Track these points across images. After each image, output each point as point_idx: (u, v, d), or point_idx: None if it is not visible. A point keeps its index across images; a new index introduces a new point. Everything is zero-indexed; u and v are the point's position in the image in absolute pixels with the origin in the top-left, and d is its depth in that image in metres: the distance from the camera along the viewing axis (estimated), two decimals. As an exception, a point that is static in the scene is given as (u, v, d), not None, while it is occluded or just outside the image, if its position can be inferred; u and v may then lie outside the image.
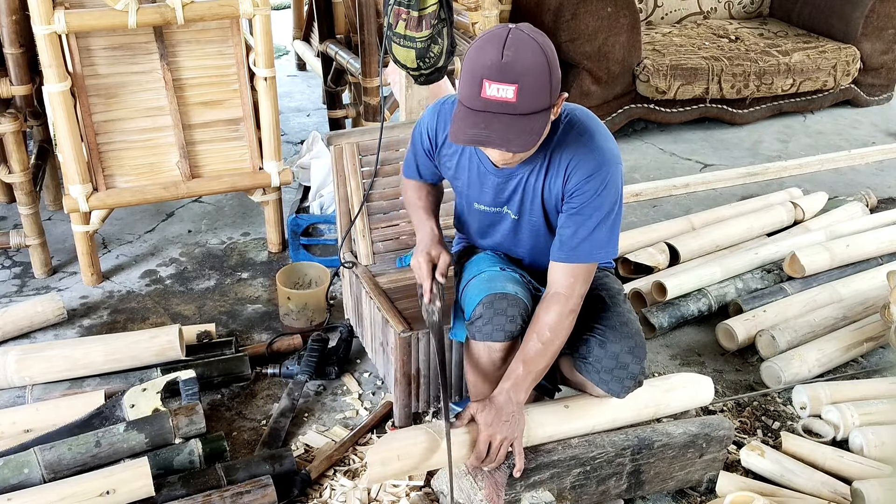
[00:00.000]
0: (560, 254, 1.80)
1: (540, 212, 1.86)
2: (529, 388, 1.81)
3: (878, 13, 4.54)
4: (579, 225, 1.77)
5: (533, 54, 1.57)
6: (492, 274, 1.90)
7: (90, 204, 2.74)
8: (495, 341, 1.84)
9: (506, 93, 1.57)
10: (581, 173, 1.75)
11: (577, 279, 1.79)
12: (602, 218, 1.76)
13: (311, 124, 4.40)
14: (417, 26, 2.34)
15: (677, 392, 2.08)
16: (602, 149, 1.76)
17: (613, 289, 2.00)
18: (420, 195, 2.07)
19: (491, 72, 1.57)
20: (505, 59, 1.56)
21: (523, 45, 1.57)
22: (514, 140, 1.60)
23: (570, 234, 1.78)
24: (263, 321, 2.74)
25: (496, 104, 1.58)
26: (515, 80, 1.56)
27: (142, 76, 2.72)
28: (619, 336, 1.87)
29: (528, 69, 1.56)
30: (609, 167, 1.75)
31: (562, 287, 1.80)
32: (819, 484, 2.06)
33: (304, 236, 3.03)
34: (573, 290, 1.79)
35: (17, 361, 2.31)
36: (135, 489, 1.87)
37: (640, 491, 2.02)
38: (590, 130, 1.78)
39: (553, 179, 1.80)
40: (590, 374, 1.91)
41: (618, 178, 1.77)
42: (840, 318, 2.66)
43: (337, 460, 2.14)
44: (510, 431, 1.77)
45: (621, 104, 4.17)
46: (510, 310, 1.82)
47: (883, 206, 3.56)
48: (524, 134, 1.60)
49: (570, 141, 1.76)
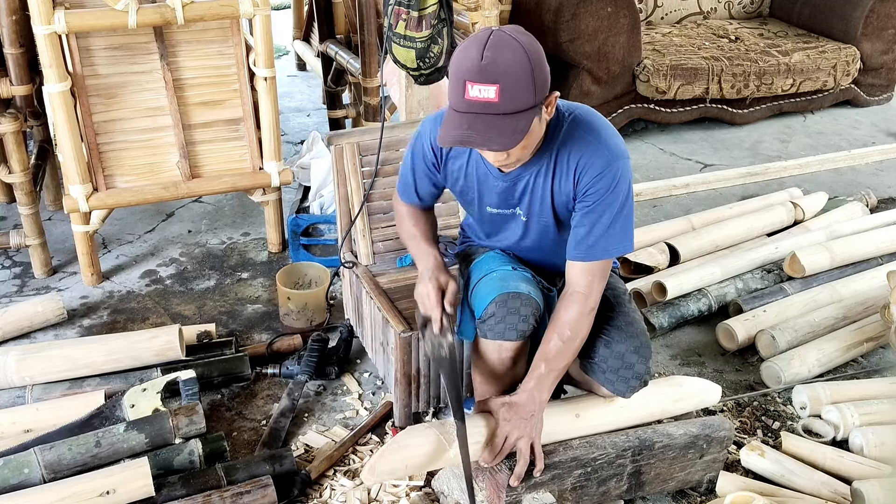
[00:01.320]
0: (576, 252, 1.81)
1: (550, 212, 1.85)
2: (552, 387, 1.82)
3: (878, 13, 4.53)
4: (594, 223, 1.78)
5: (514, 53, 1.58)
6: (504, 273, 1.89)
7: (90, 204, 2.74)
8: (507, 340, 1.84)
9: (487, 93, 1.58)
10: (592, 172, 1.75)
11: (595, 276, 1.81)
12: (616, 213, 1.77)
13: (311, 124, 4.40)
14: (417, 26, 2.35)
15: (686, 402, 2.08)
16: (609, 145, 1.76)
17: (618, 289, 2.00)
18: (417, 223, 2.05)
19: (472, 73, 1.58)
20: (485, 61, 1.57)
21: (503, 46, 1.58)
22: (496, 139, 1.60)
23: (586, 232, 1.79)
24: (263, 321, 2.74)
25: (479, 105, 1.59)
26: (496, 80, 1.57)
27: (142, 76, 2.71)
28: (625, 336, 1.87)
29: (509, 69, 1.57)
30: (618, 162, 1.76)
31: (580, 286, 1.81)
32: (819, 484, 2.05)
33: (304, 236, 3.03)
34: (592, 289, 1.81)
35: (17, 361, 2.30)
36: (135, 489, 1.87)
37: (640, 492, 2.02)
38: (595, 128, 1.78)
39: (562, 180, 1.80)
40: (595, 375, 1.91)
41: (627, 172, 1.78)
42: (840, 318, 2.66)
43: (337, 460, 2.14)
44: (529, 430, 1.77)
45: (621, 104, 4.16)
46: (523, 309, 1.82)
47: (883, 206, 3.56)
48: (507, 133, 1.60)
49: (576, 140, 1.77)
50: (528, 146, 1.71)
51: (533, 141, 1.71)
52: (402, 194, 2.05)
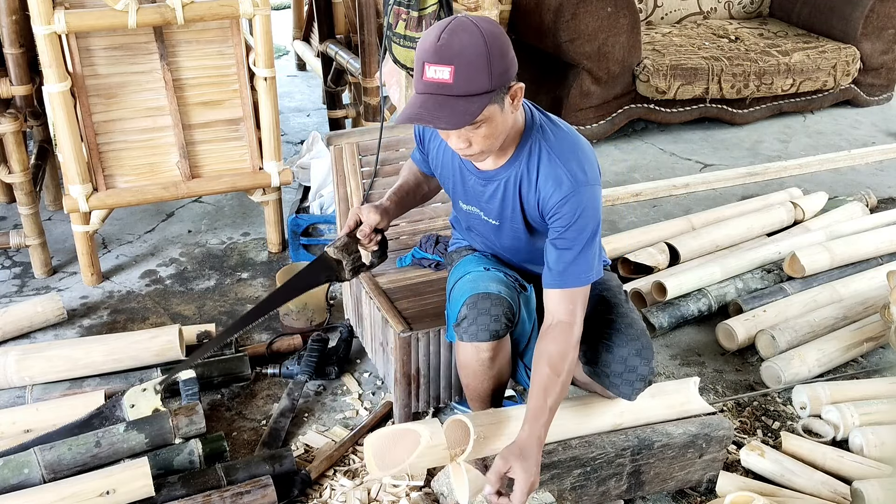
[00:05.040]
0: (550, 280, 1.77)
1: (520, 218, 1.84)
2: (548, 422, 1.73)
3: (878, 13, 4.53)
4: (563, 251, 1.75)
5: (470, 36, 1.58)
6: (476, 275, 1.89)
7: (90, 204, 2.74)
8: (481, 341, 1.84)
9: (442, 74, 1.58)
10: (556, 197, 1.72)
11: (575, 303, 1.76)
12: (585, 242, 1.74)
13: (311, 124, 4.40)
14: (417, 26, 2.35)
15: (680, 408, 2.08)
16: (574, 171, 1.72)
17: (613, 287, 1.99)
18: (405, 175, 2.09)
19: (429, 54, 1.59)
20: (441, 42, 1.57)
21: (461, 29, 1.59)
22: (443, 118, 1.59)
23: (555, 259, 1.76)
24: (263, 321, 2.73)
25: (434, 85, 1.60)
26: (451, 61, 1.57)
27: (142, 76, 2.71)
28: (626, 339, 1.86)
29: (464, 50, 1.57)
30: (582, 190, 1.72)
31: (562, 314, 1.76)
32: (819, 484, 2.05)
33: (304, 236, 3.03)
34: (574, 316, 1.76)
35: (17, 361, 2.31)
36: (135, 489, 1.87)
37: (640, 491, 2.02)
38: (563, 147, 1.75)
39: (530, 194, 1.78)
40: (599, 378, 1.90)
41: (594, 198, 1.74)
42: (840, 318, 2.66)
43: (337, 460, 2.14)
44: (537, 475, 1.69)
45: (621, 104, 4.16)
46: (494, 309, 1.82)
47: (883, 206, 3.56)
48: (458, 114, 1.59)
49: (543, 158, 1.74)
50: (491, 136, 1.66)
51: (496, 131, 1.66)
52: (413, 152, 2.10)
